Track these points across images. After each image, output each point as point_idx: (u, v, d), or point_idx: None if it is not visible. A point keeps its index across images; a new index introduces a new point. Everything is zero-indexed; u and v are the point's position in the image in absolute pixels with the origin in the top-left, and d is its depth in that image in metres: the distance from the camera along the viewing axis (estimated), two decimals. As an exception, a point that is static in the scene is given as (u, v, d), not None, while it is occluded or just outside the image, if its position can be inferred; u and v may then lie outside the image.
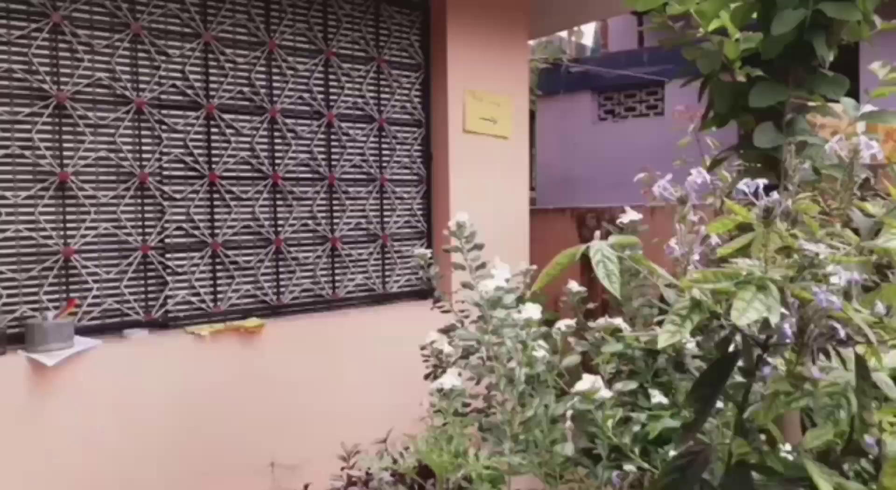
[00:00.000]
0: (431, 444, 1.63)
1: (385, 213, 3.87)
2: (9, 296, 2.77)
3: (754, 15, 1.90)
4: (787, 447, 1.29)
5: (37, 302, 2.83)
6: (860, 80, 4.60)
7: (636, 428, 1.49)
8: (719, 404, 1.37)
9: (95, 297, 2.96)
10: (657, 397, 1.73)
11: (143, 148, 3.06)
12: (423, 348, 2.20)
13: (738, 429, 1.17)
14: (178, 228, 3.17)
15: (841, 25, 1.84)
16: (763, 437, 1.25)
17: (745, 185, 0.96)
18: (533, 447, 1.66)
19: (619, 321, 1.83)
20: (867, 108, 1.88)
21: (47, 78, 2.82)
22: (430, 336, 2.15)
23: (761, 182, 0.94)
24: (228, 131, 3.29)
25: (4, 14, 2.73)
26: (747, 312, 0.86)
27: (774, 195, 0.92)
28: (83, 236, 2.92)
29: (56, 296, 2.87)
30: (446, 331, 2.21)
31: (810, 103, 1.90)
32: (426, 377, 2.27)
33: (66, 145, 2.88)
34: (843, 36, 1.90)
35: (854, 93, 1.92)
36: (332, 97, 3.63)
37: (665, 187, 1.14)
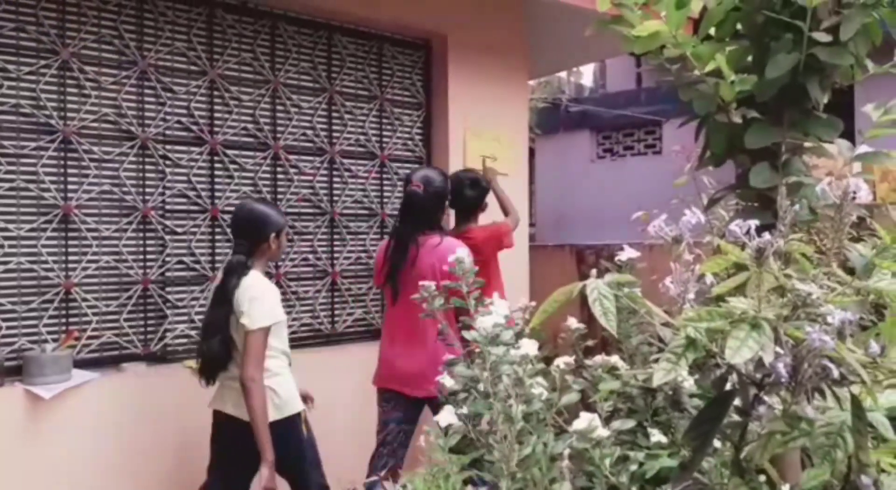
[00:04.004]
0: (428, 482, 1.62)
1: (385, 249, 3.89)
2: (8, 328, 2.78)
3: (749, 58, 1.94)
4: (786, 488, 1.29)
5: (36, 334, 2.83)
6: (855, 121, 4.66)
7: (634, 467, 1.48)
8: (717, 443, 1.36)
9: (94, 329, 2.96)
10: (656, 436, 1.72)
11: (147, 182, 3.10)
12: None
13: (736, 469, 1.17)
14: (179, 262, 3.18)
15: (834, 69, 1.87)
16: (762, 478, 1.25)
17: (737, 225, 0.98)
18: (531, 486, 1.64)
19: (615, 359, 1.83)
20: (862, 148, 1.91)
21: (54, 113, 2.86)
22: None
23: (753, 222, 0.96)
24: (232, 167, 3.32)
25: (14, 50, 2.79)
26: (741, 351, 0.87)
27: (767, 235, 0.94)
28: (84, 269, 2.93)
29: (55, 328, 2.88)
30: (451, 364, 2.20)
31: (806, 144, 1.92)
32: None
33: (70, 179, 2.91)
34: (837, 79, 1.93)
35: (850, 134, 1.95)
36: (334, 134, 3.67)
37: (660, 227, 1.16)
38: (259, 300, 2.47)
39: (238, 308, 2.48)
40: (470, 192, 3.37)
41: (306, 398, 2.77)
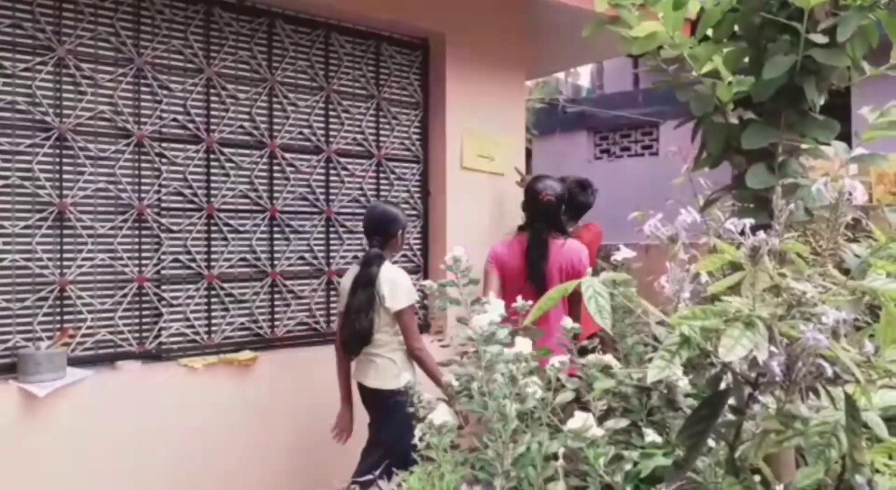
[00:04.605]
0: (423, 481, 1.62)
1: (381, 248, 3.88)
2: (2, 325, 2.77)
3: (746, 59, 1.94)
4: (780, 487, 1.29)
5: (30, 331, 2.82)
6: (852, 122, 4.67)
7: (628, 466, 1.48)
8: (711, 443, 1.36)
9: (89, 327, 2.95)
10: (650, 436, 1.72)
11: (143, 180, 3.09)
12: None
13: (730, 468, 1.17)
14: (174, 260, 3.18)
15: (831, 71, 1.88)
16: (757, 477, 1.25)
17: (732, 224, 0.98)
18: (526, 484, 1.64)
19: (608, 358, 1.83)
20: (858, 150, 1.91)
21: (50, 110, 2.86)
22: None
23: (748, 221, 0.96)
24: (228, 165, 3.32)
25: (10, 47, 2.78)
26: (735, 349, 0.87)
27: (761, 234, 0.94)
28: (79, 267, 2.93)
29: (50, 326, 2.87)
30: (445, 365, 2.21)
31: (802, 146, 1.93)
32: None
33: (66, 176, 2.90)
34: (833, 81, 1.94)
35: (846, 136, 1.95)
36: (331, 133, 3.67)
37: (656, 226, 1.16)
38: (399, 285, 2.94)
39: (379, 292, 2.92)
40: (582, 196, 4.05)
41: None
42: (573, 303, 3.12)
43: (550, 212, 3.27)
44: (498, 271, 3.30)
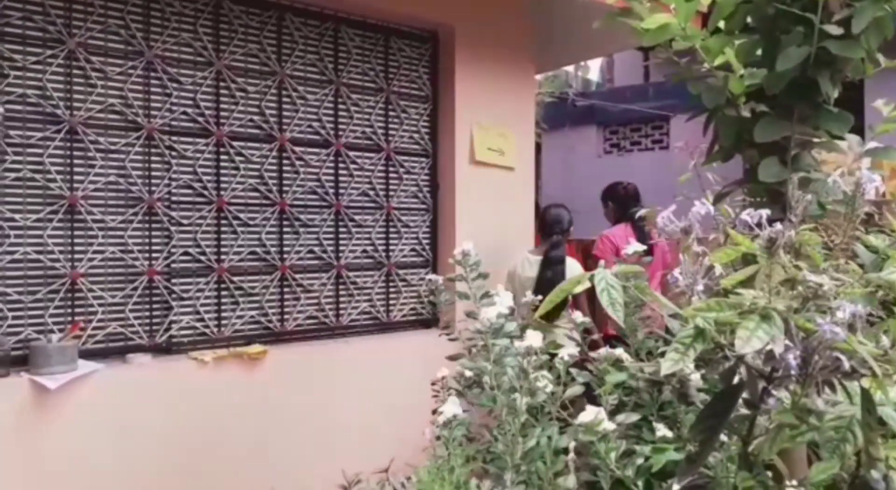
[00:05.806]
0: (433, 475, 1.62)
1: (391, 242, 3.88)
2: (14, 317, 2.78)
3: (759, 51, 1.92)
4: (794, 482, 1.28)
5: (42, 324, 2.84)
6: (865, 116, 4.62)
7: (639, 461, 1.47)
8: (724, 438, 1.35)
9: (100, 320, 2.97)
10: (661, 430, 1.72)
11: (153, 173, 3.09)
12: (434, 384, 2.18)
13: (743, 463, 1.16)
14: (184, 254, 3.18)
15: (845, 63, 1.85)
16: (770, 473, 1.24)
17: (748, 215, 0.97)
18: (535, 479, 1.64)
19: (620, 351, 1.82)
20: (871, 144, 1.89)
21: (60, 103, 2.86)
22: (441, 371, 2.14)
23: (765, 211, 0.95)
24: (238, 158, 3.32)
25: (21, 40, 2.78)
26: (751, 341, 0.86)
27: (778, 226, 0.93)
28: (90, 260, 2.94)
29: (61, 319, 2.88)
30: (454, 358, 2.20)
31: (815, 139, 1.91)
32: (434, 412, 2.25)
33: (76, 169, 2.91)
34: (848, 73, 1.91)
35: (859, 129, 1.93)
36: (340, 127, 3.66)
37: (669, 218, 1.14)
38: (575, 272, 3.57)
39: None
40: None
41: None
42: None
43: (637, 196, 4.30)
44: (611, 252, 4.06)
